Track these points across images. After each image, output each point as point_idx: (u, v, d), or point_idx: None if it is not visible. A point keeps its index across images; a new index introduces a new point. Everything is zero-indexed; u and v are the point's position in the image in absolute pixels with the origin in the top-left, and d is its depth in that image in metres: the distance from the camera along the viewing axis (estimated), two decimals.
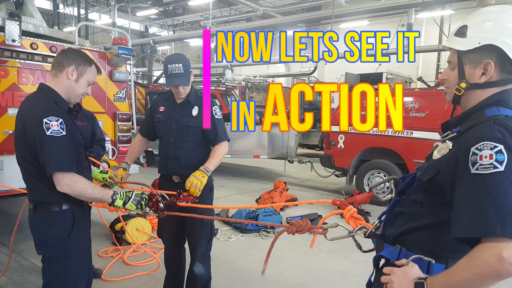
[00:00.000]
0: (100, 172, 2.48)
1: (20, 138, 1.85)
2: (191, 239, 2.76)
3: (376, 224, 1.51)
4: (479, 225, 1.04)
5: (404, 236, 1.33)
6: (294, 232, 1.64)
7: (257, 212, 5.26)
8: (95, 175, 2.48)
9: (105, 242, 4.44)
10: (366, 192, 1.66)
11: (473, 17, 1.29)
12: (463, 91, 1.28)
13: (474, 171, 1.08)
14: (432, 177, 1.25)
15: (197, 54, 30.70)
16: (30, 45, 4.19)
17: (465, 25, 1.28)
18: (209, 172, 2.48)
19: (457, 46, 1.28)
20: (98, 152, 3.32)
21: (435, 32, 16.03)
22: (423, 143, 6.02)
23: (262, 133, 8.55)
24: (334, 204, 1.72)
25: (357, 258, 4.10)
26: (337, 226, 1.55)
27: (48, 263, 1.93)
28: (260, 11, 16.60)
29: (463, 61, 1.27)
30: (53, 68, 1.95)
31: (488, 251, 1.01)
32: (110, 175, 2.49)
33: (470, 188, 1.09)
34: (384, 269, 1.22)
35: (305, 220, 1.63)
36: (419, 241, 1.29)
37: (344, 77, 12.58)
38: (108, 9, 18.54)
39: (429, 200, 1.28)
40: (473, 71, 1.25)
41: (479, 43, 1.22)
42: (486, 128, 1.14)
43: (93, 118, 3.48)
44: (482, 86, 1.25)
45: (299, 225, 1.61)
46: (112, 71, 4.88)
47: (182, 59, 2.58)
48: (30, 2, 5.61)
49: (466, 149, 1.13)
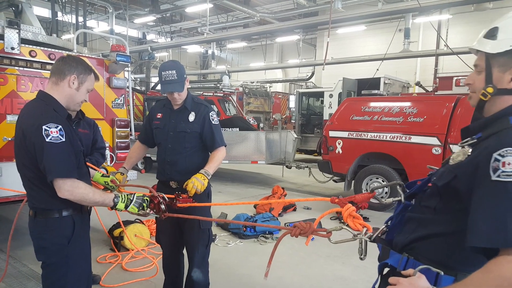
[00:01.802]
0: (102, 176, 2.50)
1: (20, 145, 1.86)
2: (188, 245, 2.76)
3: (382, 228, 1.45)
4: (498, 235, 0.98)
5: (413, 244, 1.28)
6: (297, 235, 1.59)
7: (255, 218, 5.26)
8: (97, 179, 2.50)
9: (103, 248, 4.44)
10: (367, 192, 1.59)
11: (504, 19, 1.22)
12: (489, 96, 1.21)
13: (495, 178, 1.02)
14: (449, 181, 1.20)
15: (195, 61, 30.87)
16: (29, 53, 4.21)
17: (496, 27, 1.21)
18: (209, 176, 2.50)
19: (487, 48, 1.21)
20: (98, 159, 3.35)
21: (433, 37, 16.15)
22: (421, 148, 6.04)
23: (260, 138, 8.57)
24: (332, 202, 1.63)
25: (356, 264, 4.10)
26: (342, 229, 1.49)
27: (48, 270, 1.93)
28: (257, 17, 16.71)
29: (491, 65, 1.21)
30: (53, 76, 1.96)
31: (506, 265, 0.95)
32: (112, 178, 2.51)
33: (490, 195, 1.03)
34: (390, 279, 1.17)
35: (308, 223, 1.58)
36: (428, 250, 1.23)
37: (341, 82, 12.63)
38: (106, 16, 18.62)
39: (444, 205, 1.22)
40: (501, 75, 1.19)
41: (510, 45, 1.16)
42: (510, 134, 1.10)
43: (95, 126, 3.53)
44: (510, 92, 1.18)
45: (303, 228, 1.57)
46: (110, 77, 4.90)
47: (176, 66, 2.60)
48: (29, 10, 5.65)
49: (488, 154, 1.07)
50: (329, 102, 13.14)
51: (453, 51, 9.83)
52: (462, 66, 8.54)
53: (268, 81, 21.28)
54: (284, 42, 24.80)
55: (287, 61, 25.17)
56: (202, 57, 30.17)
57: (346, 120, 6.97)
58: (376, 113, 6.63)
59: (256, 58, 26.24)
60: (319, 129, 13.53)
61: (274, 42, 24.87)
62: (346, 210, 1.50)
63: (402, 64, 15.71)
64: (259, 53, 24.68)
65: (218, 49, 24.39)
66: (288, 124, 16.86)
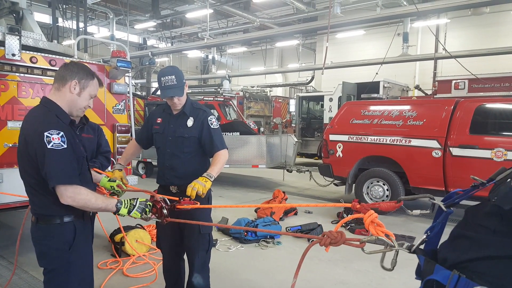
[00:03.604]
0: (109, 181, 2.52)
1: (23, 151, 1.86)
2: (189, 250, 2.77)
3: (423, 239, 1.37)
4: None
5: (467, 263, 1.18)
6: (327, 244, 1.48)
7: (256, 222, 5.26)
8: (103, 184, 2.53)
9: (104, 253, 4.43)
10: (393, 201, 1.49)
11: None
12: None
13: None
14: None
15: (195, 66, 30.97)
16: (29, 59, 4.23)
17: None
18: (212, 178, 2.49)
19: None
20: (102, 162, 3.37)
21: (431, 41, 16.21)
22: (421, 151, 6.05)
23: (260, 142, 8.58)
24: (354, 208, 1.53)
25: (357, 268, 4.09)
26: (377, 239, 1.39)
27: (49, 276, 1.93)
28: (257, 23, 16.79)
29: None
30: (55, 82, 1.98)
31: None
32: (118, 183, 2.53)
33: None
34: None
35: (339, 232, 1.48)
36: (486, 272, 1.13)
37: (341, 86, 12.67)
38: (107, 22, 18.73)
39: (508, 230, 1.12)
40: None
41: None
42: None
43: (99, 130, 3.56)
44: None
45: (334, 237, 1.47)
46: (111, 83, 4.93)
47: (175, 71, 2.63)
48: (30, 17, 5.68)
49: None
50: (329, 106, 13.18)
51: (451, 54, 9.87)
52: (461, 70, 8.57)
53: (268, 85, 21.35)
54: (284, 47, 24.88)
55: (287, 65, 25.23)
56: (202, 62, 30.27)
57: (346, 124, 6.98)
58: (376, 117, 6.64)
59: (256, 62, 26.32)
60: (319, 133, 13.55)
61: (274, 47, 24.96)
62: (368, 217, 1.43)
63: (401, 68, 15.77)
64: (259, 58, 24.77)
65: (219, 54, 24.47)
66: (288, 128, 16.89)
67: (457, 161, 5.72)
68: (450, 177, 5.80)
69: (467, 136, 5.69)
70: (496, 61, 13.31)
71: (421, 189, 6.20)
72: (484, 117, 5.84)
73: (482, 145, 5.52)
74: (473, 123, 5.71)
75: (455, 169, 5.74)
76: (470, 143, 5.64)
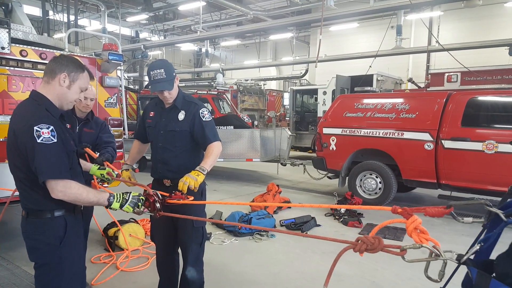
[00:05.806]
0: (98, 169, 2.55)
1: (12, 146, 1.84)
2: (182, 244, 2.77)
3: (476, 250, 1.26)
4: None
5: None
6: (363, 251, 1.35)
7: (250, 215, 5.27)
8: (93, 172, 2.56)
9: (98, 248, 4.42)
10: (443, 206, 1.34)
11: None
12: None
13: None
14: None
15: (188, 59, 30.78)
16: (19, 52, 4.17)
17: None
18: (205, 171, 2.47)
19: None
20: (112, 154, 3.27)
21: (425, 34, 16.25)
22: (413, 143, 6.09)
23: (254, 136, 8.58)
24: (394, 212, 1.40)
25: (350, 260, 4.12)
26: (421, 247, 1.28)
27: (40, 270, 1.92)
28: (250, 15, 16.68)
29: None
30: (45, 75, 1.95)
31: None
32: (108, 171, 2.55)
33: None
34: None
35: (376, 237, 1.34)
36: None
37: (335, 79, 12.67)
38: (98, 15, 18.47)
39: None
40: None
41: None
42: None
43: (102, 125, 3.54)
44: None
45: (371, 243, 1.33)
46: (102, 77, 4.88)
47: (164, 65, 2.61)
48: (19, 9, 5.60)
49: None
50: (323, 99, 13.19)
51: (444, 47, 9.90)
52: (454, 62, 8.61)
53: (262, 78, 21.30)
54: (278, 40, 24.80)
55: (280, 58, 25.17)
56: (195, 55, 30.09)
57: (339, 117, 6.99)
58: (369, 110, 6.66)
59: (250, 56, 26.22)
60: (313, 126, 13.57)
61: (267, 39, 24.86)
62: (411, 223, 1.30)
63: (394, 61, 15.80)
64: (253, 51, 24.67)
65: (212, 47, 24.32)
66: (282, 121, 16.89)
67: (449, 153, 5.77)
68: (442, 169, 5.85)
69: (459, 129, 5.73)
70: (488, 54, 13.38)
71: (413, 181, 6.26)
72: (476, 110, 5.88)
73: (474, 138, 5.57)
74: (465, 116, 5.75)
75: (447, 161, 5.79)
76: (462, 135, 5.68)
